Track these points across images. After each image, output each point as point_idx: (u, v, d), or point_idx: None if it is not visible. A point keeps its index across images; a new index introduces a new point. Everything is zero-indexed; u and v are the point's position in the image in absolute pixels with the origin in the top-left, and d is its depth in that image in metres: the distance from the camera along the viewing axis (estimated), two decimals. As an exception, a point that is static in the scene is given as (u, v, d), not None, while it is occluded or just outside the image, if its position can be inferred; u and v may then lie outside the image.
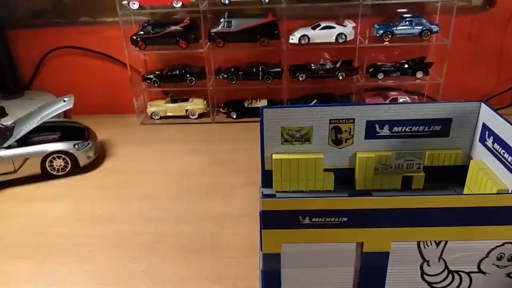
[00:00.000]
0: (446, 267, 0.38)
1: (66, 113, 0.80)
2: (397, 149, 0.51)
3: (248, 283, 0.44)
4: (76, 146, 0.64)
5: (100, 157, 0.70)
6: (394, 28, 0.75)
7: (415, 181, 0.51)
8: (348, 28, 0.75)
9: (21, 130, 0.64)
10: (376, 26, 0.76)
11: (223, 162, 0.67)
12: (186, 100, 0.83)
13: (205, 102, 0.83)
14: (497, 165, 0.45)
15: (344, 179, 0.51)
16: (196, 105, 0.82)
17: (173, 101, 0.83)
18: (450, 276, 0.38)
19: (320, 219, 0.34)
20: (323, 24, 0.76)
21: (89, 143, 0.66)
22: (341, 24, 0.76)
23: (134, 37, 0.77)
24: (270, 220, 0.34)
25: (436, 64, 0.78)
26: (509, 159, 0.43)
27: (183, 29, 0.76)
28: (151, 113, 0.83)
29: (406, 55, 0.80)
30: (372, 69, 0.78)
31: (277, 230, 0.35)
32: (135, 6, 0.75)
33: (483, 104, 0.49)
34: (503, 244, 0.36)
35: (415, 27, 0.75)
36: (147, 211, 0.56)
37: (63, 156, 0.64)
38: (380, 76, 0.78)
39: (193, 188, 0.60)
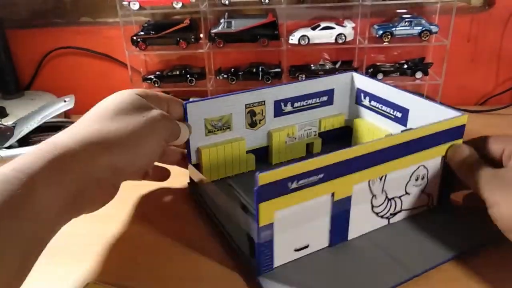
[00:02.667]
0: (386, 197, 0.46)
1: (66, 113, 0.81)
2: (299, 121, 0.60)
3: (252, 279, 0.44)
4: (77, 146, 0.64)
5: (100, 157, 0.70)
6: (394, 28, 0.75)
7: (315, 146, 0.62)
8: (348, 29, 0.76)
9: (22, 130, 0.64)
10: (375, 26, 0.77)
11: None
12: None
13: (205, 102, 0.83)
14: (376, 117, 0.59)
15: (263, 157, 0.59)
16: (196, 105, 0.82)
17: (173, 101, 0.83)
18: (389, 203, 0.46)
19: (304, 180, 0.38)
20: (322, 25, 0.76)
21: (89, 143, 0.66)
22: (340, 24, 0.76)
23: (135, 38, 0.77)
24: (265, 193, 0.37)
25: (435, 64, 0.78)
26: (388, 110, 0.56)
27: (183, 30, 0.77)
28: (152, 113, 0.83)
29: (406, 55, 0.81)
30: (371, 70, 0.79)
31: (271, 201, 0.38)
32: (136, 6, 0.75)
33: (354, 73, 0.61)
34: (418, 168, 0.46)
35: (414, 28, 0.75)
36: (147, 211, 0.56)
37: (64, 156, 0.64)
38: (380, 76, 0.78)
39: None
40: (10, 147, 0.62)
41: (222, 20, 0.76)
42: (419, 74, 0.78)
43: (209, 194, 0.51)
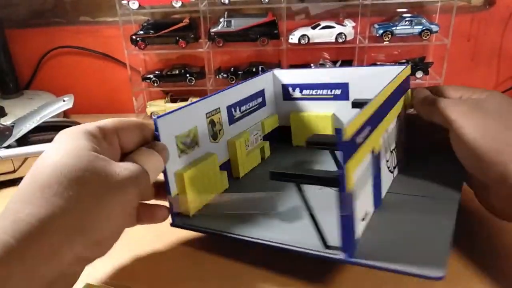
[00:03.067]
0: (389, 149, 0.44)
1: (65, 113, 0.80)
2: (248, 127, 0.55)
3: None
4: (76, 145, 0.64)
5: (99, 157, 0.69)
6: (394, 27, 0.75)
7: (265, 151, 0.57)
8: (348, 28, 0.75)
9: (21, 129, 0.64)
10: (376, 26, 0.76)
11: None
12: (185, 99, 0.83)
13: (204, 101, 0.83)
14: (313, 104, 0.57)
15: (228, 172, 0.50)
16: (196, 104, 0.82)
17: (173, 100, 0.83)
18: (392, 156, 0.45)
19: (363, 133, 0.35)
20: (322, 24, 0.76)
21: (88, 143, 0.66)
22: (340, 23, 0.76)
23: (134, 37, 0.77)
24: (347, 149, 0.31)
25: (435, 63, 0.78)
26: (319, 93, 0.56)
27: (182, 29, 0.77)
28: (151, 113, 0.83)
29: (406, 54, 0.80)
30: (371, 69, 0.79)
31: (350, 160, 0.32)
32: (135, 5, 0.75)
33: (275, 70, 0.59)
34: (396, 120, 0.45)
35: (415, 27, 0.75)
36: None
37: (63, 156, 0.64)
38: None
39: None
40: (9, 146, 0.62)
41: (221, 19, 0.76)
42: (419, 74, 0.78)
43: (229, 205, 0.47)
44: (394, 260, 0.35)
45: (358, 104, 0.53)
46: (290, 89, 0.59)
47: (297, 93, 0.59)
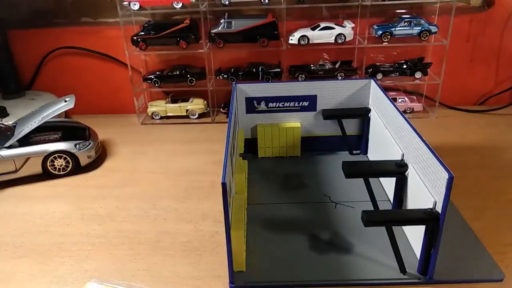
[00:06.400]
0: None
1: (67, 113, 0.81)
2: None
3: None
4: (77, 146, 0.65)
5: (101, 156, 0.70)
6: (393, 28, 0.75)
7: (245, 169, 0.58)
8: (347, 29, 0.76)
9: (23, 130, 0.64)
10: (375, 26, 0.77)
11: (223, 162, 0.67)
12: (186, 100, 0.83)
13: (205, 102, 0.83)
14: (278, 116, 0.60)
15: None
16: (197, 105, 0.82)
17: (174, 101, 0.84)
18: None
19: None
20: (322, 25, 0.76)
21: (90, 143, 0.67)
22: (340, 24, 0.76)
23: (135, 38, 0.77)
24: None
25: (434, 64, 0.78)
26: (285, 105, 0.59)
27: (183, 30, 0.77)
28: (152, 113, 0.83)
29: (405, 55, 0.81)
30: (371, 70, 0.79)
31: None
32: (136, 6, 0.75)
33: (238, 84, 0.60)
34: None
35: (414, 28, 0.75)
36: (147, 211, 0.56)
37: (64, 155, 0.64)
38: (379, 76, 0.78)
39: (193, 188, 0.61)
40: (10, 146, 0.63)
41: (222, 20, 0.76)
42: (418, 74, 0.78)
43: None
44: (459, 272, 0.40)
45: (329, 116, 0.59)
46: (255, 102, 0.61)
47: (262, 106, 0.61)
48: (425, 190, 0.39)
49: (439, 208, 0.35)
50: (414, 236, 0.41)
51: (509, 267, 0.43)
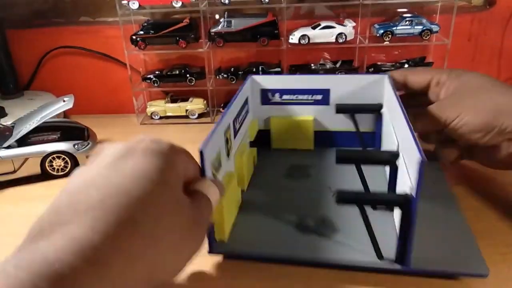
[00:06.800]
0: None
1: (65, 113, 0.80)
2: (243, 136, 0.56)
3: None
4: (76, 146, 0.64)
5: (100, 157, 0.69)
6: (394, 28, 0.75)
7: (255, 157, 0.60)
8: (348, 28, 0.75)
9: (21, 130, 0.64)
10: (376, 26, 0.76)
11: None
12: (186, 100, 0.83)
13: (205, 102, 0.83)
14: (293, 109, 0.60)
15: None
16: (196, 105, 0.82)
17: (173, 101, 0.83)
18: None
19: None
20: (323, 24, 0.76)
21: (89, 143, 0.66)
22: (341, 24, 0.76)
23: (134, 37, 0.77)
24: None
25: (436, 63, 0.78)
26: (299, 98, 0.59)
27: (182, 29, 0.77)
28: (151, 113, 0.83)
29: (406, 54, 0.80)
30: (372, 69, 0.78)
31: None
32: (135, 6, 0.75)
33: (254, 76, 0.59)
34: None
35: (415, 27, 0.75)
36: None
37: (63, 156, 0.64)
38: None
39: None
40: (9, 147, 0.62)
41: (222, 19, 0.76)
42: (419, 74, 0.78)
43: None
44: (442, 264, 0.40)
45: (341, 109, 0.58)
46: (270, 94, 0.60)
47: (277, 98, 0.60)
48: (407, 176, 0.39)
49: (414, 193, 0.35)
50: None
51: (510, 267, 0.42)
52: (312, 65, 0.79)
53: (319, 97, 0.58)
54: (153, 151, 0.30)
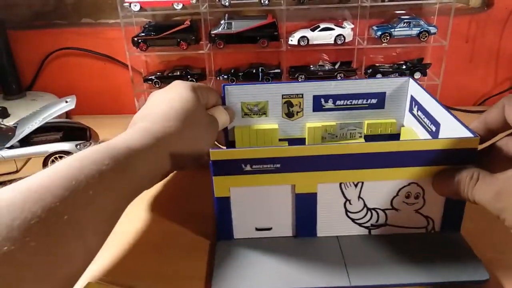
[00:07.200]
0: (365, 205, 0.44)
1: (68, 114, 0.81)
2: (341, 120, 0.59)
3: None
4: (78, 146, 0.65)
5: (101, 157, 0.70)
6: (392, 29, 0.75)
7: None
8: (347, 30, 0.76)
9: (23, 130, 0.64)
10: (374, 27, 0.77)
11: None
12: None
13: (205, 102, 0.83)
14: (419, 128, 0.55)
15: None
16: (197, 105, 0.83)
17: (174, 101, 0.84)
18: (369, 213, 0.45)
19: (258, 166, 0.41)
20: (322, 26, 0.77)
21: (91, 144, 0.67)
22: (340, 25, 0.77)
23: (135, 39, 0.78)
24: (219, 168, 0.41)
25: (434, 65, 0.79)
26: (427, 122, 0.52)
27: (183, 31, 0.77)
28: (152, 114, 0.83)
29: (404, 56, 0.81)
30: (370, 70, 0.79)
31: (225, 177, 0.42)
32: (136, 7, 0.75)
33: (410, 79, 0.58)
34: (409, 184, 0.43)
35: (413, 29, 0.75)
36: (147, 211, 0.57)
37: (65, 156, 0.64)
38: (378, 77, 0.79)
39: (193, 188, 0.61)
40: (11, 147, 0.63)
41: (222, 21, 0.77)
42: (417, 75, 0.78)
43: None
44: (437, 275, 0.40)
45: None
46: (413, 103, 0.57)
47: (415, 110, 0.57)
48: None
49: None
50: None
51: (509, 267, 0.43)
52: (312, 66, 0.80)
53: (434, 128, 0.51)
54: (185, 84, 0.51)
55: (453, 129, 0.45)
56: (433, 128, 0.50)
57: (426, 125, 0.53)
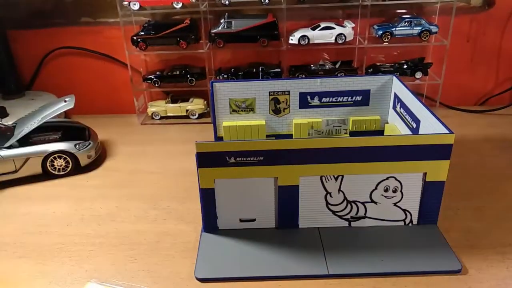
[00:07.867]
0: (345, 198, 0.46)
1: (67, 113, 0.81)
2: (327, 116, 0.61)
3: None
4: (77, 146, 0.65)
5: (100, 157, 0.70)
6: (394, 28, 0.75)
7: None
8: (348, 29, 0.76)
9: (22, 130, 0.64)
10: (375, 26, 0.77)
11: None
12: (186, 100, 0.83)
13: (205, 102, 0.83)
14: (402, 126, 0.56)
15: None
16: (197, 105, 0.82)
17: (174, 101, 0.84)
18: (349, 205, 0.46)
19: (242, 158, 0.42)
20: (322, 25, 0.76)
21: (90, 143, 0.66)
22: (340, 24, 0.76)
23: (135, 38, 0.77)
24: (204, 160, 0.42)
25: (435, 64, 0.78)
26: (409, 119, 0.54)
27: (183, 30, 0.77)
28: (152, 113, 0.83)
29: (405, 55, 0.81)
30: (371, 70, 0.79)
31: (210, 169, 0.43)
32: (136, 6, 0.75)
33: (394, 77, 0.59)
34: (387, 178, 0.44)
35: (414, 28, 0.75)
36: (147, 211, 0.56)
37: (64, 156, 0.64)
38: (379, 76, 0.78)
39: (193, 188, 0.60)
40: (10, 147, 0.63)
41: (222, 20, 0.76)
42: (418, 74, 0.78)
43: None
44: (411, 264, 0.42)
45: None
46: (397, 100, 0.59)
47: (398, 108, 0.59)
48: None
49: None
50: None
51: (509, 268, 0.43)
52: (312, 65, 0.80)
53: (414, 125, 0.54)
54: None
55: (431, 126, 0.47)
56: (414, 125, 0.53)
57: (407, 122, 0.55)
